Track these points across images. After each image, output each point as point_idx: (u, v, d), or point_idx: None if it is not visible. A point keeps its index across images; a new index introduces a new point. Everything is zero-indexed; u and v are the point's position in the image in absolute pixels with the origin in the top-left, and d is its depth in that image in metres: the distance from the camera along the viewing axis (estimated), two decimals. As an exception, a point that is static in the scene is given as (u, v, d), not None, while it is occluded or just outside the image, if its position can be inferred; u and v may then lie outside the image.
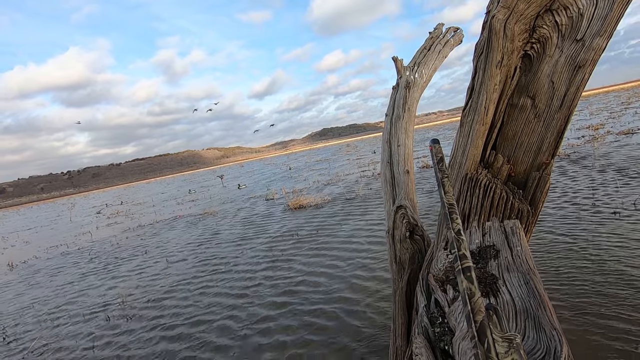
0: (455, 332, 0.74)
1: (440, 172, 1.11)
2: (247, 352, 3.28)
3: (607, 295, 3.05)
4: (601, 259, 3.68)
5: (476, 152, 1.43)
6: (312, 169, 24.73)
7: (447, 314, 0.81)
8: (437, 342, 0.78)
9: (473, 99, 1.41)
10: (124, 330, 4.33)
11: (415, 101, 2.52)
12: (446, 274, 0.92)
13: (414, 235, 2.11)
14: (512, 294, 0.76)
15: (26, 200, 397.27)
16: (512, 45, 1.31)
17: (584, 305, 2.97)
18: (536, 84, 1.36)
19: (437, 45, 2.78)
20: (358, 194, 10.36)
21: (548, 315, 0.62)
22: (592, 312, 2.85)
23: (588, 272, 3.48)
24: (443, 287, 0.89)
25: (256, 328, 3.66)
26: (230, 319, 4.02)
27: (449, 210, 0.93)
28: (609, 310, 2.83)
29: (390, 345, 2.21)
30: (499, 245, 0.97)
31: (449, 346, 0.74)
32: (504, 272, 0.86)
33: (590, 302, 2.98)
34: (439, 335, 0.79)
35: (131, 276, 6.74)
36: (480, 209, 1.42)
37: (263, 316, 3.90)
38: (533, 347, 0.59)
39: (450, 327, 0.79)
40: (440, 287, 0.90)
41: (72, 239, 13.38)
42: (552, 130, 1.33)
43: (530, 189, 1.39)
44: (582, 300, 3.04)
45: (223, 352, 3.36)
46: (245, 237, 8.09)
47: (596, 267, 3.53)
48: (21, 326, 5.20)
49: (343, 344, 3.07)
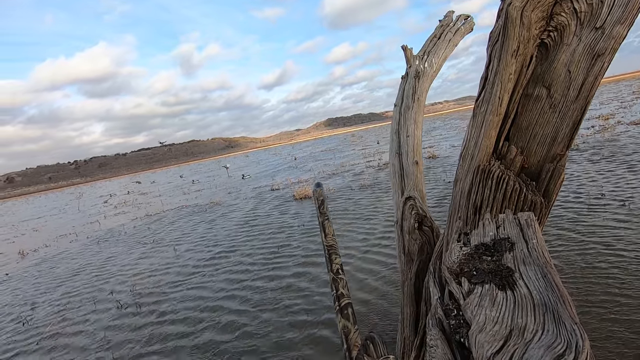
0: (472, 325, 0.74)
1: (321, 215, 1.28)
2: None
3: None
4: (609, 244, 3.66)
5: (489, 143, 1.41)
6: (318, 160, 24.70)
7: (463, 307, 0.81)
8: (453, 334, 0.78)
9: (487, 89, 1.38)
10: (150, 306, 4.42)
11: (425, 91, 2.48)
12: (460, 266, 0.92)
13: (423, 226, 2.10)
14: (529, 287, 0.75)
15: (34, 189, 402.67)
16: (529, 34, 1.28)
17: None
18: (552, 74, 1.33)
19: (447, 34, 2.72)
20: (364, 185, 10.35)
21: (568, 310, 0.62)
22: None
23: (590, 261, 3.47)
24: (458, 279, 0.89)
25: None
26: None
27: (329, 252, 1.07)
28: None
29: (399, 335, 2.23)
30: (514, 237, 0.96)
31: (465, 338, 0.74)
32: (520, 264, 0.85)
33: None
34: (454, 327, 0.79)
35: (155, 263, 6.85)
36: (492, 201, 1.40)
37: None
38: (553, 341, 0.58)
39: (465, 319, 0.79)
40: (455, 279, 0.90)
41: (81, 229, 13.58)
42: (568, 121, 1.31)
43: (544, 181, 1.38)
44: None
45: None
46: (249, 223, 8.16)
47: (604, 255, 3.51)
48: (37, 312, 5.33)
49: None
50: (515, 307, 0.68)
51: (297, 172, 18.90)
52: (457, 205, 1.58)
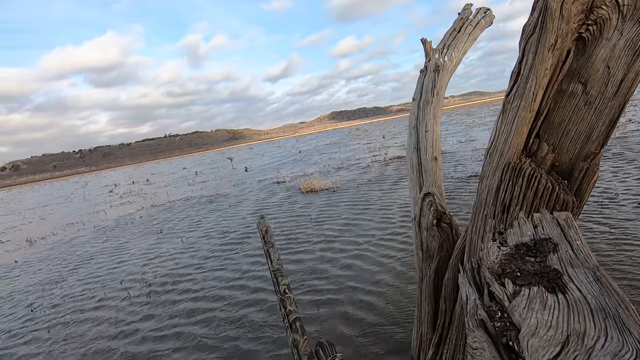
0: (522, 329, 0.71)
1: (266, 244, 1.47)
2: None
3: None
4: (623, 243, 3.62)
5: (520, 140, 1.38)
6: (323, 153, 24.63)
7: (509, 309, 0.79)
8: (499, 337, 0.75)
9: (520, 84, 1.35)
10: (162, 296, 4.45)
11: (445, 85, 2.43)
12: (502, 267, 0.89)
13: (442, 222, 2.08)
14: (582, 291, 0.72)
15: (39, 177, 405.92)
16: (567, 27, 1.23)
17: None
18: (589, 69, 1.29)
19: (467, 27, 2.66)
20: (371, 179, 10.31)
21: (633, 316, 0.59)
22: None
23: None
24: (500, 280, 0.86)
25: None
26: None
27: (275, 275, 1.28)
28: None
29: (414, 331, 2.22)
30: (556, 238, 0.93)
31: (514, 342, 0.72)
32: (567, 267, 0.82)
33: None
34: (500, 330, 0.77)
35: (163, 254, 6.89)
36: (522, 199, 1.38)
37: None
38: (619, 349, 0.56)
39: (513, 322, 0.77)
40: (496, 279, 0.87)
41: (87, 217, 13.69)
42: (605, 118, 1.27)
43: (577, 180, 1.34)
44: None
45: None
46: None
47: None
48: (47, 299, 5.39)
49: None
50: (569, 311, 0.66)
51: (302, 165, 18.87)
52: (483, 202, 1.55)
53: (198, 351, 3.29)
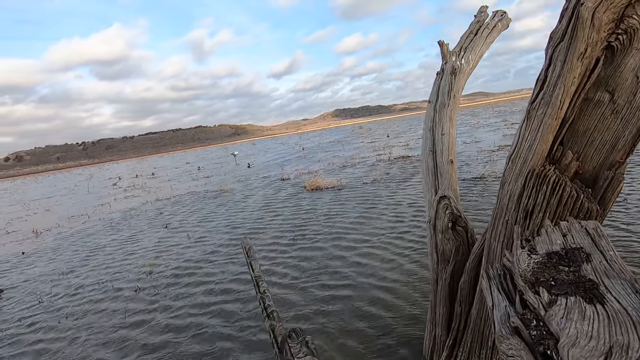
0: (561, 338, 0.72)
1: (249, 257, 1.76)
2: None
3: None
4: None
5: (545, 147, 1.38)
6: (327, 151, 24.63)
7: (546, 318, 0.80)
8: (536, 345, 0.77)
9: (546, 92, 1.35)
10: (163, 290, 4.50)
11: (461, 88, 2.43)
12: (535, 275, 0.90)
13: (457, 226, 2.09)
14: (621, 303, 0.73)
15: (42, 169, 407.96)
16: (598, 36, 1.23)
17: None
18: (617, 78, 1.29)
19: (484, 30, 2.66)
20: (376, 178, 10.32)
21: (679, 331, 0.60)
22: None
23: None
24: (534, 288, 0.87)
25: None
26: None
27: (256, 280, 1.51)
28: None
29: (427, 333, 2.23)
30: (587, 248, 0.94)
31: (553, 351, 0.73)
32: (603, 277, 0.83)
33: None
34: (537, 338, 0.78)
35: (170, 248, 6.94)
36: (546, 206, 1.38)
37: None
38: (669, 365, 0.57)
39: (550, 331, 0.78)
40: (530, 288, 0.88)
41: (92, 210, 13.77)
42: (632, 128, 1.27)
43: (601, 188, 1.35)
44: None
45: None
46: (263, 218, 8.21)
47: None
48: (55, 290, 5.45)
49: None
50: (610, 322, 0.67)
51: (306, 162, 18.88)
52: (504, 207, 1.55)
53: (213, 340, 3.37)
